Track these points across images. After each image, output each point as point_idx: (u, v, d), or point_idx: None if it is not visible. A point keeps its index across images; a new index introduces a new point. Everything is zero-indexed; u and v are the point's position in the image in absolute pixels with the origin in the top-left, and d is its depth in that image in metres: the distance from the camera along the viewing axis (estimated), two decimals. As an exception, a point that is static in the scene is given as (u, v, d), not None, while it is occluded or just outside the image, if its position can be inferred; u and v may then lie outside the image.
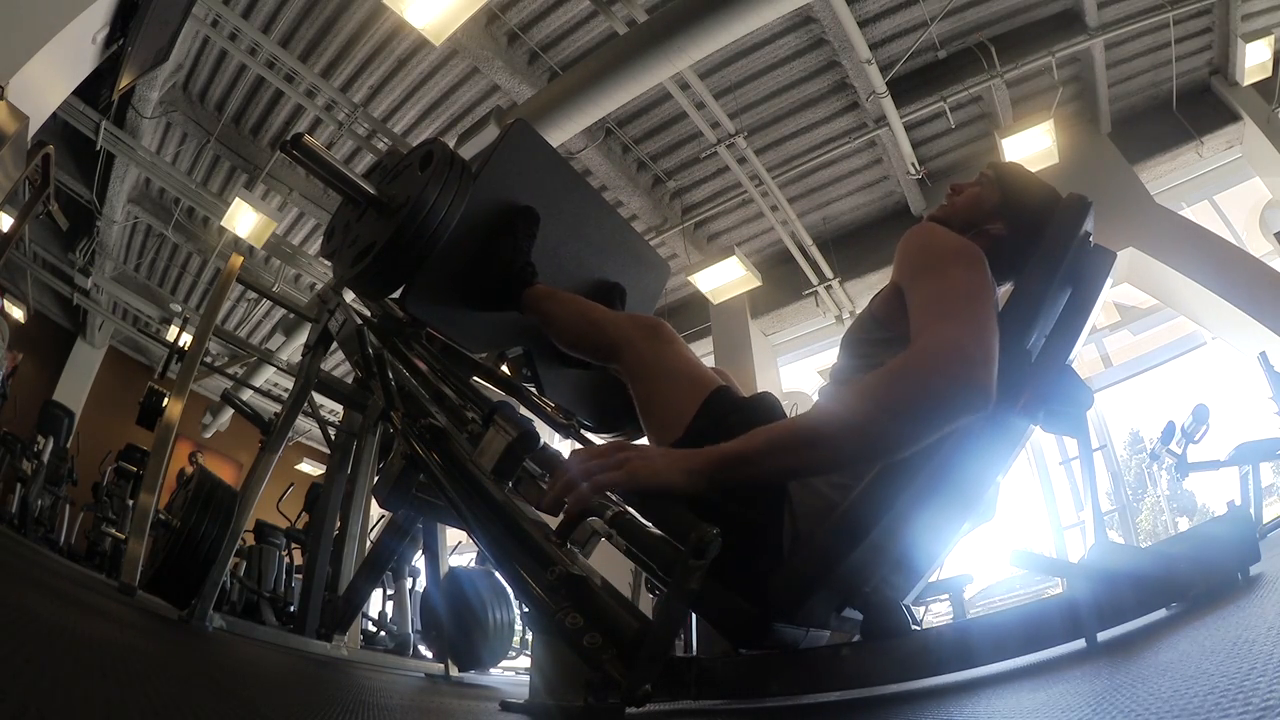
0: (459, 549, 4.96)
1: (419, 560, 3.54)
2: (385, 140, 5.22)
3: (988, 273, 0.99)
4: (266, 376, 7.71)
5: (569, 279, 1.64)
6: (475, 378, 1.59)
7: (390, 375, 1.40)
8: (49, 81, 3.05)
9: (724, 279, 5.56)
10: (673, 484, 0.81)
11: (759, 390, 1.31)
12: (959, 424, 0.80)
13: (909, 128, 5.13)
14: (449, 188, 1.35)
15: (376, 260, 1.35)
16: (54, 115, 3.97)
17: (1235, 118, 5.19)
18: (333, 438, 2.51)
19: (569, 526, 0.82)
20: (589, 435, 1.52)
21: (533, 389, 1.61)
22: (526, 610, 0.93)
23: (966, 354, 0.80)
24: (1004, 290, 1.16)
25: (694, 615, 1.30)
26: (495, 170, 1.48)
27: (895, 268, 1.06)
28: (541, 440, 1.09)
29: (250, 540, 4.03)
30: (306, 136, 1.29)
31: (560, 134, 4.33)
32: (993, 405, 0.80)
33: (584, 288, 1.68)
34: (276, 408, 4.34)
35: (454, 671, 2.13)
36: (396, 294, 1.46)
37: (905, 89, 4.99)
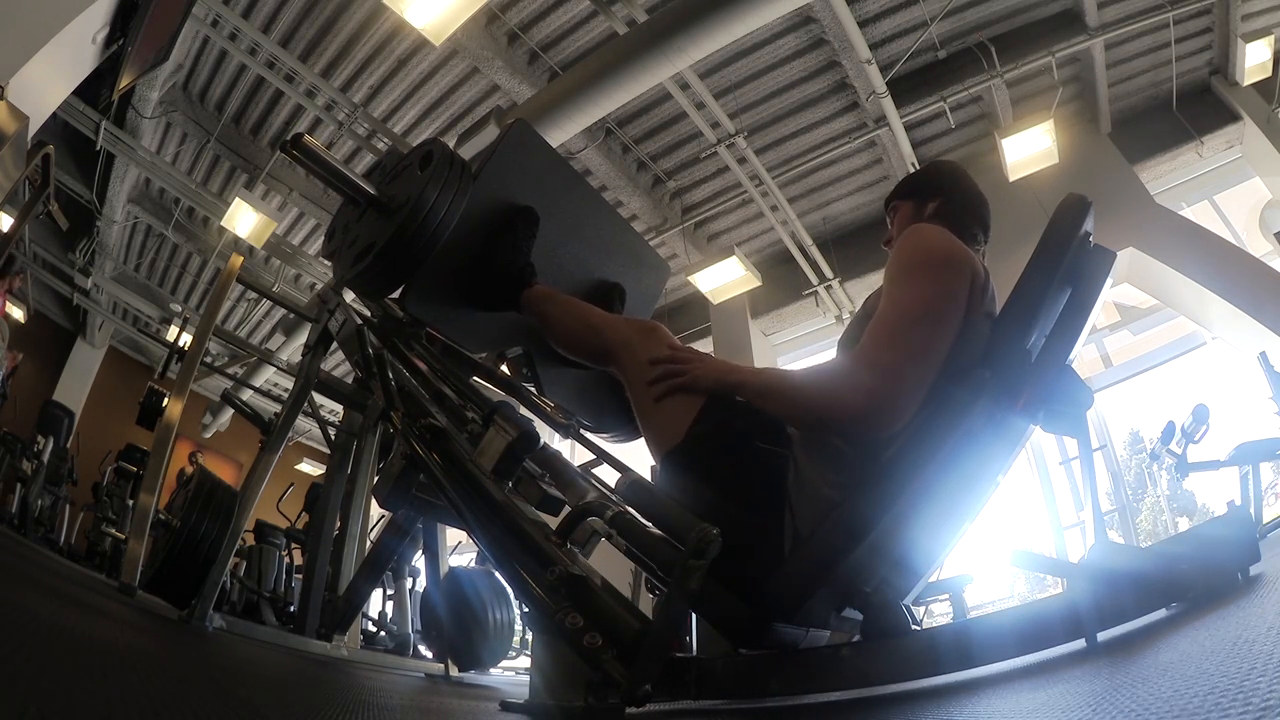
0: (459, 549, 4.96)
1: (419, 560, 3.54)
2: (385, 140, 5.22)
3: (963, 283, 1.03)
4: (266, 376, 7.71)
5: (569, 279, 1.64)
6: (475, 378, 1.59)
7: (390, 375, 1.40)
8: (49, 81, 3.05)
9: (724, 279, 5.56)
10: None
11: None
12: (854, 434, 0.99)
13: (909, 128, 5.13)
14: (449, 187, 1.35)
15: (377, 260, 1.35)
16: (54, 115, 3.97)
17: (1235, 118, 5.19)
18: (333, 438, 2.51)
19: None
20: (588, 435, 1.52)
21: (532, 389, 1.60)
22: (526, 610, 0.93)
23: (869, 380, 0.96)
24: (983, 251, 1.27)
25: (694, 615, 1.30)
26: (495, 170, 1.48)
27: (887, 265, 1.09)
28: (541, 440, 1.09)
29: (250, 540, 4.03)
30: (306, 136, 1.29)
31: (560, 134, 4.33)
32: (892, 427, 0.95)
33: (583, 288, 1.68)
34: (276, 408, 4.34)
35: (454, 671, 2.13)
36: (396, 294, 1.46)
37: (905, 89, 4.99)
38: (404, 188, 1.39)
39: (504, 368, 1.67)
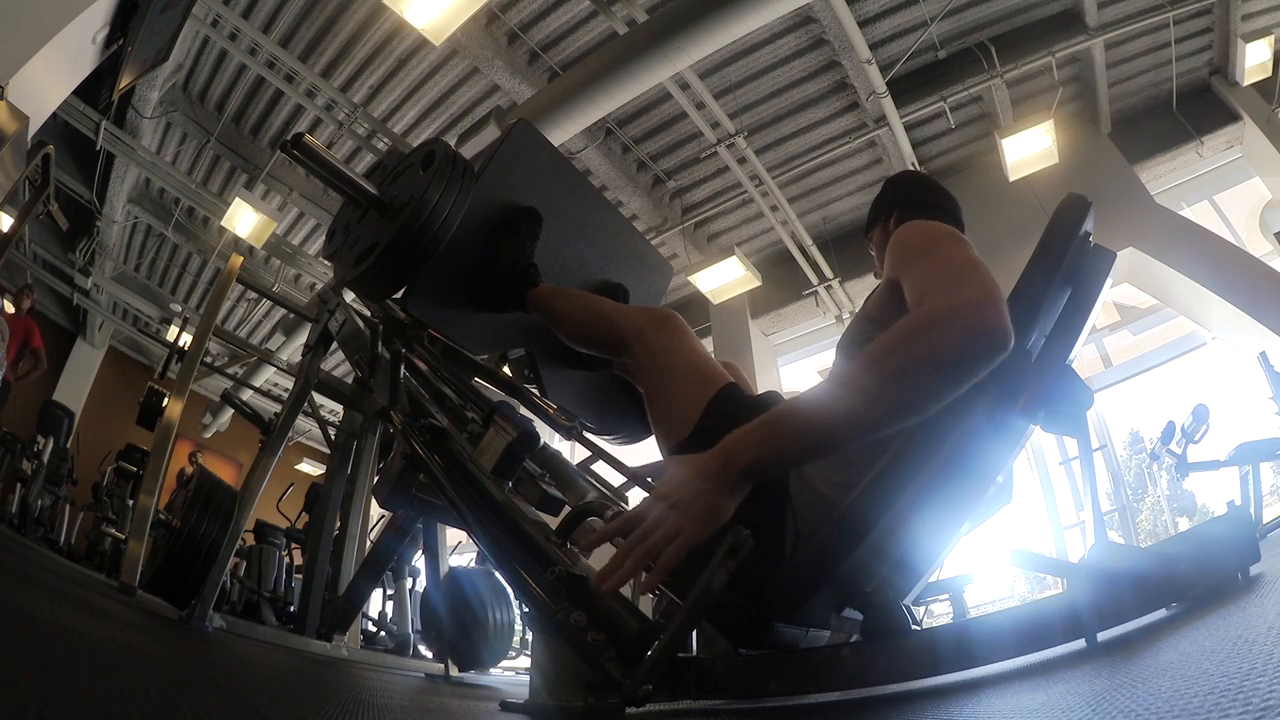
0: (459, 549, 4.96)
1: (419, 560, 3.54)
2: (385, 140, 5.22)
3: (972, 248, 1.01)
4: (266, 376, 7.71)
5: (572, 280, 1.64)
6: (477, 379, 1.58)
7: (401, 375, 1.39)
8: (49, 81, 3.05)
9: (724, 279, 5.56)
10: (721, 510, 0.77)
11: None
12: (981, 371, 0.76)
13: (909, 128, 5.13)
14: (451, 187, 1.34)
15: (379, 261, 1.33)
16: (54, 115, 3.97)
17: (1235, 118, 5.19)
18: (333, 438, 2.51)
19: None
20: (591, 437, 1.51)
21: (535, 391, 1.60)
22: (526, 610, 0.93)
23: (976, 302, 0.77)
24: None
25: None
26: (498, 170, 1.48)
27: (888, 264, 1.06)
28: (541, 440, 1.09)
29: (250, 540, 4.03)
30: (307, 136, 1.28)
31: (560, 134, 4.33)
32: (1010, 348, 0.77)
33: (587, 289, 1.68)
34: (276, 408, 4.34)
35: (454, 671, 2.13)
36: (397, 295, 1.45)
37: (905, 89, 4.99)
38: (406, 188, 1.39)
39: (506, 369, 1.67)
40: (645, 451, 1.84)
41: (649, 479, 1.22)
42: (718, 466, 0.77)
